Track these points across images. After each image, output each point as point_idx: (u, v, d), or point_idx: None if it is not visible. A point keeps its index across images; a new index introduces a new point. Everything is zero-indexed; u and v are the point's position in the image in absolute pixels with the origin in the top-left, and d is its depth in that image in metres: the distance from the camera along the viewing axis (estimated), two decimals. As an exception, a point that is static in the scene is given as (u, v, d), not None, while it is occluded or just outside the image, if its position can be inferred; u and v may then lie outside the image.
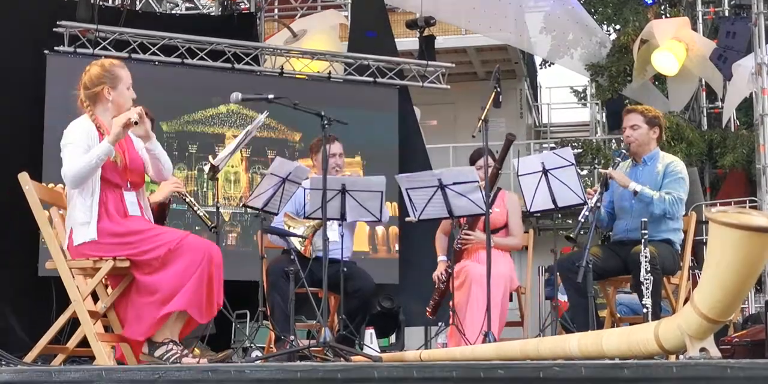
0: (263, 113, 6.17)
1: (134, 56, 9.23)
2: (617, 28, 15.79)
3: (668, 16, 13.42)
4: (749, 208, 11.12)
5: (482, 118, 5.86)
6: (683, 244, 6.17)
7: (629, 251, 5.75)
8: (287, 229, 6.44)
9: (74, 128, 4.77)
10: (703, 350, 3.39)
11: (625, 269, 5.96)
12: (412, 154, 10.44)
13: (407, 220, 6.60)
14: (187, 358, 4.57)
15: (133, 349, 4.77)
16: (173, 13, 12.25)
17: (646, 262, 5.38)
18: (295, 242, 6.42)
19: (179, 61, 9.61)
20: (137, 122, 4.68)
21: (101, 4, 10.17)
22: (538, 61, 18.89)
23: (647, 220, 5.49)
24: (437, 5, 11.62)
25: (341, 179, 6.23)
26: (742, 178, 12.47)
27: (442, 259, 6.80)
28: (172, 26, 9.97)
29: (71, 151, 4.66)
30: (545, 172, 5.79)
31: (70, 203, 4.76)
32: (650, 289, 5.38)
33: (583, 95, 21.09)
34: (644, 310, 5.34)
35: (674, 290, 6.23)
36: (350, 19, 11.95)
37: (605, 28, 16.16)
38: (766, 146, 10.77)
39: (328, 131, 5.64)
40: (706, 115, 13.46)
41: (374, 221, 6.43)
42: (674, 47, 11.64)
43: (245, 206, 6.54)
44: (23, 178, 4.72)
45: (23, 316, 8.53)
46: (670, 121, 12.19)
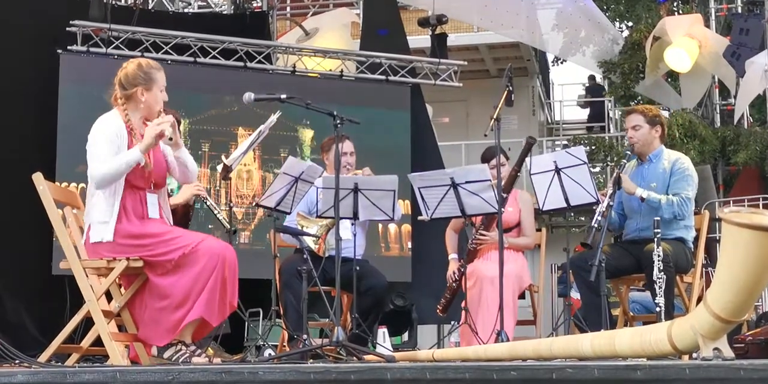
0: (276, 113, 6.18)
1: (147, 55, 9.23)
2: (630, 25, 15.78)
3: (681, 12, 13.40)
4: (762, 205, 11.11)
5: (494, 116, 5.86)
6: (696, 242, 6.16)
7: (642, 249, 5.74)
8: (300, 228, 6.44)
9: (104, 125, 4.74)
10: (716, 350, 3.38)
11: (638, 267, 5.95)
12: (424, 152, 10.44)
13: (420, 218, 6.60)
14: (197, 358, 4.59)
15: (146, 348, 4.80)
16: (186, 11, 12.27)
17: (659, 260, 5.38)
18: (308, 241, 6.42)
19: (192, 59, 9.63)
20: (171, 137, 4.70)
21: (114, 3, 10.20)
22: (550, 58, 18.85)
23: (659, 219, 5.49)
24: (449, 3, 11.61)
25: (354, 178, 6.24)
26: (755, 175, 12.45)
27: (453, 257, 6.81)
28: (184, 25, 10.00)
29: (100, 150, 4.65)
30: (558, 170, 5.79)
31: (90, 200, 4.75)
32: (663, 287, 5.37)
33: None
34: (657, 308, 5.34)
35: (687, 288, 6.22)
36: (362, 17, 11.93)
37: (617, 25, 16.15)
38: (779, 143, 10.75)
39: (340, 130, 5.63)
40: (719, 112, 13.42)
41: (387, 220, 6.43)
42: (687, 44, 11.61)
43: (258, 205, 6.55)
44: (37, 178, 4.73)
45: (37, 314, 8.56)
46: (682, 118, 12.18)
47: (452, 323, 7.22)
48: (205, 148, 9.64)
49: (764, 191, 11.86)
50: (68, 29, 9.12)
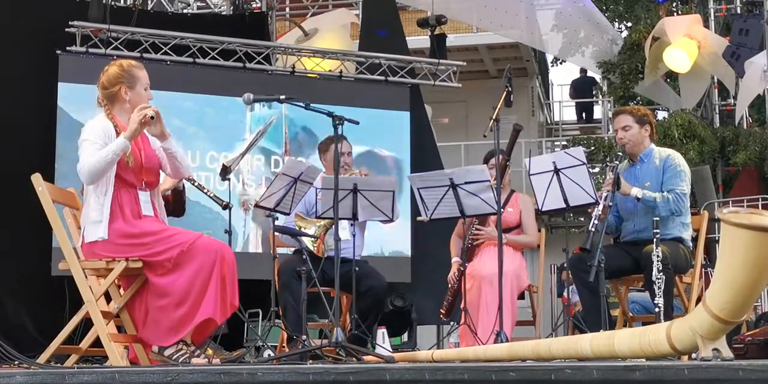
0: (275, 114, 6.18)
1: (146, 56, 9.24)
2: (629, 25, 15.76)
3: (680, 13, 13.40)
4: (762, 205, 11.11)
5: (493, 117, 5.86)
6: (695, 242, 6.16)
7: (641, 250, 5.74)
8: (298, 229, 6.44)
9: (92, 126, 4.79)
10: (715, 351, 3.39)
11: (637, 268, 5.95)
12: (423, 152, 10.43)
13: (419, 219, 6.62)
14: (197, 358, 4.58)
15: (145, 349, 4.79)
16: (185, 12, 12.26)
17: (658, 261, 5.38)
18: (306, 242, 6.42)
19: (191, 60, 9.62)
20: (153, 117, 4.69)
21: (113, 4, 10.19)
22: (549, 58, 18.86)
23: (657, 219, 5.49)
24: (448, 3, 11.62)
25: (353, 179, 6.24)
26: (754, 175, 12.44)
27: (456, 260, 6.82)
28: (183, 26, 9.99)
29: (88, 147, 4.67)
30: (557, 171, 5.79)
31: (85, 201, 4.77)
32: (662, 288, 5.38)
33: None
34: (656, 309, 5.34)
35: (686, 289, 6.22)
36: (361, 17, 11.93)
37: (617, 25, 16.13)
38: (778, 144, 10.75)
39: (339, 131, 5.63)
40: (718, 112, 13.42)
41: (386, 220, 6.43)
42: (686, 44, 11.62)
43: (257, 206, 6.55)
44: (36, 179, 4.73)
45: (36, 315, 8.55)
46: (682, 118, 12.19)
47: (452, 324, 7.21)
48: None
49: (763, 192, 11.86)
50: (67, 30, 9.11)
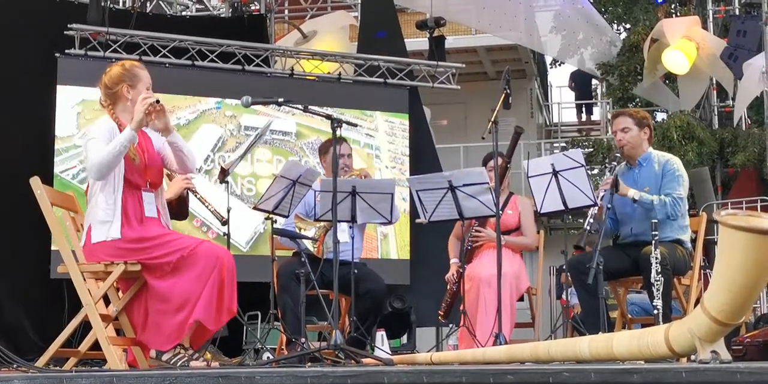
0: (272, 116, 6.18)
1: (145, 58, 9.22)
2: (627, 27, 15.78)
3: (679, 14, 13.40)
4: (761, 206, 11.11)
5: (492, 119, 5.86)
6: (694, 243, 6.16)
7: (640, 251, 5.74)
8: (298, 231, 6.44)
9: (97, 126, 4.82)
10: (713, 353, 3.38)
11: (635, 270, 5.95)
12: (422, 154, 10.44)
13: (417, 221, 6.61)
14: (195, 362, 4.58)
15: (144, 352, 4.80)
16: (183, 15, 12.26)
17: (656, 263, 5.38)
18: (306, 244, 6.42)
19: (190, 63, 9.61)
20: (159, 100, 4.69)
21: (112, 6, 10.19)
22: (548, 60, 18.85)
23: (656, 221, 5.49)
24: (447, 5, 11.63)
25: (352, 181, 6.24)
26: (753, 176, 12.45)
27: (454, 261, 6.82)
28: (182, 28, 9.99)
29: (95, 144, 4.68)
30: (555, 173, 5.79)
31: (90, 201, 4.77)
32: (661, 290, 5.38)
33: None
34: (655, 311, 5.34)
35: (685, 291, 6.22)
36: (360, 19, 11.94)
37: (615, 27, 16.15)
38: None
39: (338, 133, 5.62)
40: (717, 113, 13.43)
41: (385, 223, 6.43)
42: (685, 46, 11.63)
43: (256, 209, 6.54)
44: (35, 182, 4.73)
45: (35, 318, 8.55)
46: (680, 120, 12.19)
47: (451, 326, 7.22)
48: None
49: (762, 193, 11.86)
50: (66, 33, 9.11)
